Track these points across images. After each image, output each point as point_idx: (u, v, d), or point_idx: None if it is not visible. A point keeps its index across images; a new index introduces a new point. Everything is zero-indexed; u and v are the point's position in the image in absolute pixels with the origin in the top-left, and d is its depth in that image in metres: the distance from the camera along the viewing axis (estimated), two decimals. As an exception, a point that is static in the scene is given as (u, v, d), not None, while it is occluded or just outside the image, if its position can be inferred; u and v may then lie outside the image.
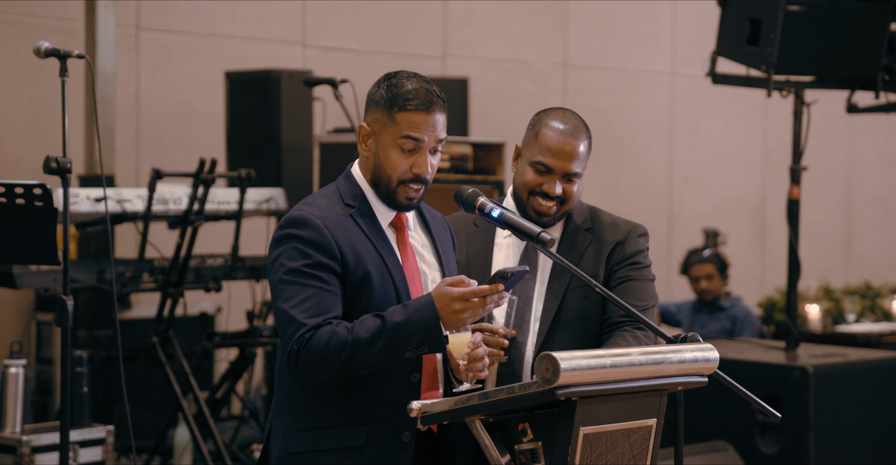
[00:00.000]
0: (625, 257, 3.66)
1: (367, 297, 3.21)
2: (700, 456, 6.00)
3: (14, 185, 4.45)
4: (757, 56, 6.38)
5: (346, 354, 3.09)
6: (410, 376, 3.24)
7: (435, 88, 3.27)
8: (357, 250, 3.21)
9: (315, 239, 3.18)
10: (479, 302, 3.10)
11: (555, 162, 3.59)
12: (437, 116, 3.26)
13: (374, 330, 3.09)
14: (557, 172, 3.60)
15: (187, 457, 6.33)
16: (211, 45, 8.12)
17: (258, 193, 6.56)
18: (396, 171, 3.25)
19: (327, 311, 3.14)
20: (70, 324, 4.27)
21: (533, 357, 3.56)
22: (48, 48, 4.37)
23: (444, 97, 3.30)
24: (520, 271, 3.14)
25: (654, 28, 10.44)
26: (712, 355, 3.21)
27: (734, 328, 8.12)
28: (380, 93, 3.28)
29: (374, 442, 3.20)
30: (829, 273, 10.57)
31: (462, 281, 3.11)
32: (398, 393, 3.22)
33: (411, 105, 3.23)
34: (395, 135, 3.24)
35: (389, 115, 3.25)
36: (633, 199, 10.08)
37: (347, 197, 3.30)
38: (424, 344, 3.11)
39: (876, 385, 6.35)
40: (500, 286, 3.10)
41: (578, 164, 3.60)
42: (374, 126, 3.28)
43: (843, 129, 11.28)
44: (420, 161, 3.25)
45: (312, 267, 3.16)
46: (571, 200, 3.63)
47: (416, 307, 3.11)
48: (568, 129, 3.61)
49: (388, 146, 3.25)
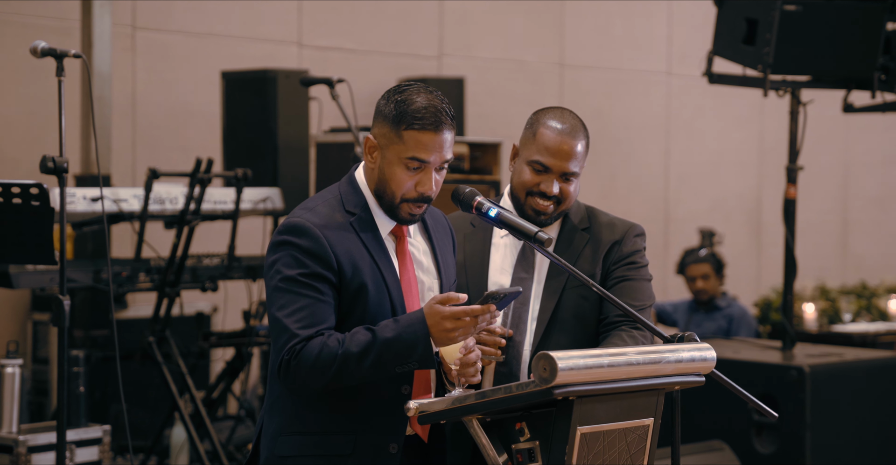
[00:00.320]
0: (622, 256, 3.66)
1: (362, 308, 3.20)
2: (697, 456, 6.00)
3: (11, 184, 4.44)
4: (753, 56, 6.39)
5: (335, 367, 3.08)
6: (401, 388, 3.23)
7: (445, 105, 3.22)
8: (355, 261, 3.20)
9: (313, 249, 3.16)
10: (470, 322, 3.08)
11: (552, 161, 3.58)
12: (445, 135, 3.21)
13: (364, 345, 3.09)
14: (555, 172, 3.59)
15: (184, 457, 6.32)
16: (207, 44, 8.11)
17: (255, 192, 6.56)
18: (401, 188, 3.23)
19: (320, 322, 3.14)
20: (66, 324, 4.26)
21: (530, 357, 3.56)
22: (45, 48, 4.36)
23: (454, 114, 3.25)
24: (512, 293, 3.13)
25: (651, 28, 10.44)
26: (709, 355, 3.21)
27: (730, 328, 8.12)
28: (389, 107, 3.22)
29: (360, 451, 3.20)
30: (825, 273, 10.57)
31: (454, 299, 3.09)
32: (387, 405, 3.22)
33: (419, 124, 3.18)
34: (402, 153, 3.20)
35: (397, 131, 3.20)
36: (629, 198, 10.08)
37: (349, 204, 3.28)
38: (415, 361, 3.11)
39: (872, 385, 6.36)
40: (493, 307, 3.10)
41: (576, 163, 3.59)
42: (381, 140, 3.24)
43: (840, 128, 11.28)
44: (425, 180, 3.22)
45: (308, 277, 3.15)
46: (568, 199, 3.62)
47: (407, 323, 3.10)
48: (566, 128, 3.60)
49: (393, 163, 3.22)
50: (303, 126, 6.99)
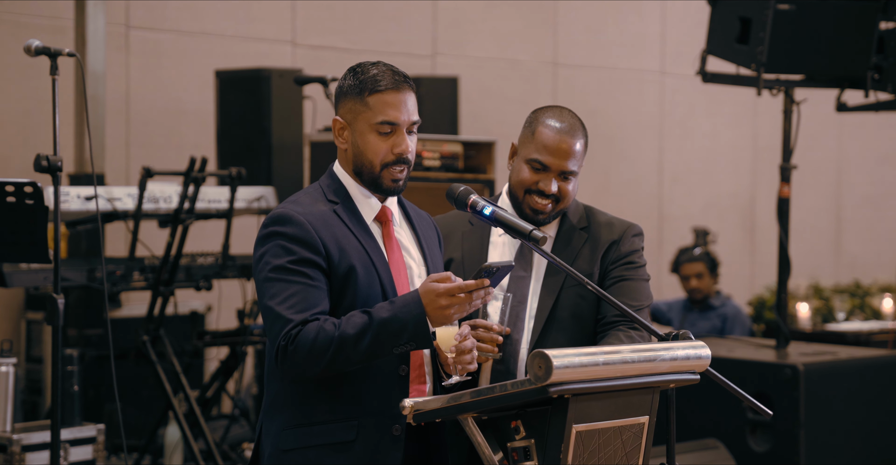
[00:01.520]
0: (620, 256, 3.66)
1: (352, 292, 3.21)
2: (691, 455, 6.00)
3: (5, 183, 4.43)
4: (747, 55, 6.39)
5: (333, 350, 3.09)
6: (398, 369, 3.24)
7: (400, 70, 3.31)
8: (341, 245, 3.22)
9: (299, 235, 3.18)
10: (465, 297, 3.10)
11: (551, 160, 3.58)
12: (408, 94, 3.29)
13: (360, 326, 3.09)
14: (553, 170, 3.59)
15: (178, 456, 6.32)
16: (200, 43, 8.11)
17: (248, 191, 6.55)
18: (378, 155, 3.27)
19: (313, 306, 3.14)
20: (61, 322, 4.26)
21: (528, 355, 3.55)
22: (39, 46, 4.36)
23: (411, 79, 3.33)
24: (506, 266, 3.14)
25: (644, 27, 10.44)
26: (704, 353, 3.21)
27: (724, 327, 8.13)
28: (347, 83, 3.30)
29: (364, 436, 3.20)
30: (818, 272, 10.58)
31: (448, 278, 3.11)
32: (387, 387, 3.22)
33: (381, 86, 3.26)
34: (371, 119, 3.26)
35: (361, 100, 3.27)
36: (622, 197, 10.09)
37: (330, 193, 3.31)
38: (412, 341, 3.11)
39: (866, 384, 6.36)
40: (486, 281, 3.10)
41: (574, 162, 3.59)
42: (348, 116, 3.30)
43: (832, 127, 11.30)
44: (399, 141, 3.27)
45: (297, 263, 3.16)
46: (567, 198, 3.62)
47: (402, 304, 3.11)
48: (564, 127, 3.60)
49: (364, 132, 3.27)
50: (297, 125, 6.99)
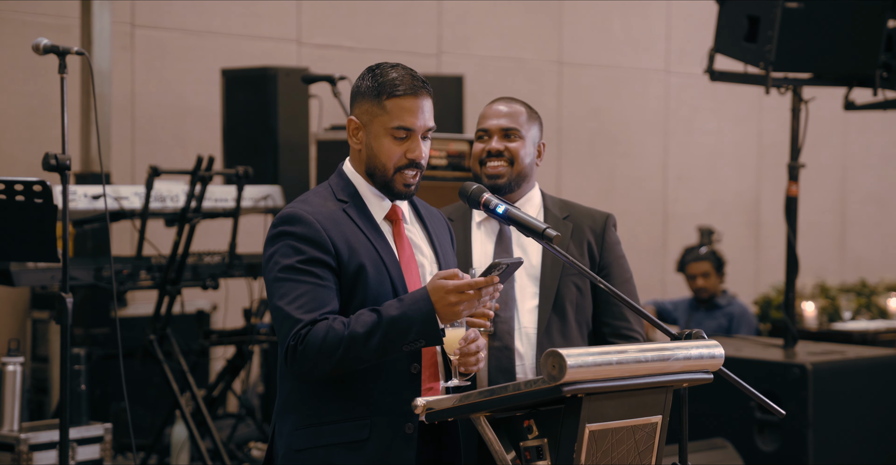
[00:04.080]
0: (610, 250, 3.83)
1: (362, 290, 3.20)
2: (699, 454, 5.99)
3: (14, 182, 4.43)
4: (755, 53, 6.38)
5: (342, 348, 3.08)
6: (410, 367, 3.24)
7: (420, 76, 3.31)
8: (350, 243, 3.21)
9: (308, 235, 3.18)
10: (474, 294, 3.10)
11: (488, 123, 3.81)
12: (425, 100, 3.28)
13: (370, 324, 3.09)
14: (493, 131, 3.79)
15: (185, 455, 6.31)
16: (206, 42, 8.10)
17: (255, 190, 6.55)
18: (391, 158, 3.26)
19: (323, 306, 3.14)
20: (69, 321, 4.25)
21: (524, 332, 3.70)
22: (47, 45, 4.35)
23: (429, 84, 3.33)
24: (514, 263, 3.15)
25: (649, 25, 10.43)
26: (718, 352, 3.21)
27: (731, 326, 8.11)
28: (365, 84, 3.30)
29: (377, 435, 3.19)
30: (823, 271, 10.57)
31: (456, 274, 3.11)
32: (399, 385, 3.22)
33: (399, 91, 3.25)
34: (387, 123, 3.25)
35: (378, 103, 3.26)
36: (627, 196, 10.07)
37: (340, 193, 3.31)
38: (421, 338, 3.11)
39: (874, 383, 6.35)
40: (496, 278, 3.11)
41: (512, 121, 3.79)
42: (364, 118, 3.29)
43: (838, 127, 11.28)
44: (413, 146, 3.27)
45: (307, 263, 3.16)
46: (518, 160, 3.79)
47: (411, 301, 3.11)
48: (497, 100, 3.88)
49: (379, 135, 3.27)
50: (303, 124, 6.98)
